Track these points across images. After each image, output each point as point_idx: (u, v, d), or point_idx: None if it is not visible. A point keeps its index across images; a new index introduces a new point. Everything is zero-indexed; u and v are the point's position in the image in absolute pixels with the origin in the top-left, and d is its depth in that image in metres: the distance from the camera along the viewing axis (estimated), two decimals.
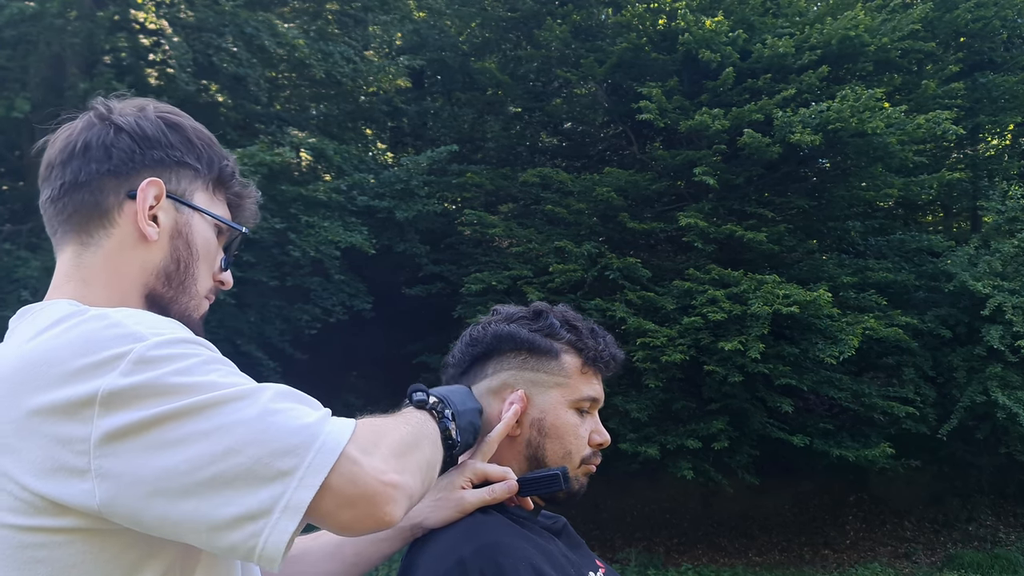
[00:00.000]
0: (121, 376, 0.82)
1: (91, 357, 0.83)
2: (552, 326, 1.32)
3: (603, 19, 11.85)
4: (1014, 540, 10.33)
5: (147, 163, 1.01)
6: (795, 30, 9.97)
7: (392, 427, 0.99)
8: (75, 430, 0.81)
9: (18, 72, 9.17)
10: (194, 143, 1.06)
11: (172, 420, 0.81)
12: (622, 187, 9.96)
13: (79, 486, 0.81)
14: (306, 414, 0.87)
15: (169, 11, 9.75)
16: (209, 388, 0.84)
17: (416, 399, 1.12)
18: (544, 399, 1.29)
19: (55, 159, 1.02)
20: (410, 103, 12.72)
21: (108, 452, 0.81)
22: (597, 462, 1.32)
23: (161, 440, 0.81)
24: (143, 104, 1.05)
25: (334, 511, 0.85)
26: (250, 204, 1.13)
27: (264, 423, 0.83)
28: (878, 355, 10.27)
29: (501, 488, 1.20)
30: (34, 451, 0.82)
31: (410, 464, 0.94)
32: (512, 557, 1.11)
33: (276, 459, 0.82)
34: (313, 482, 0.82)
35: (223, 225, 1.08)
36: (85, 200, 1.00)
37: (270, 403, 0.85)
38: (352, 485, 0.85)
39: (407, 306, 11.28)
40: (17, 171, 10.87)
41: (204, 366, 0.86)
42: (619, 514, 10.50)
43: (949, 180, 10.57)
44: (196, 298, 1.06)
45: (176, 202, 1.03)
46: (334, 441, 0.85)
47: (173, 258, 1.02)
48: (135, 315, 0.90)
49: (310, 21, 11.24)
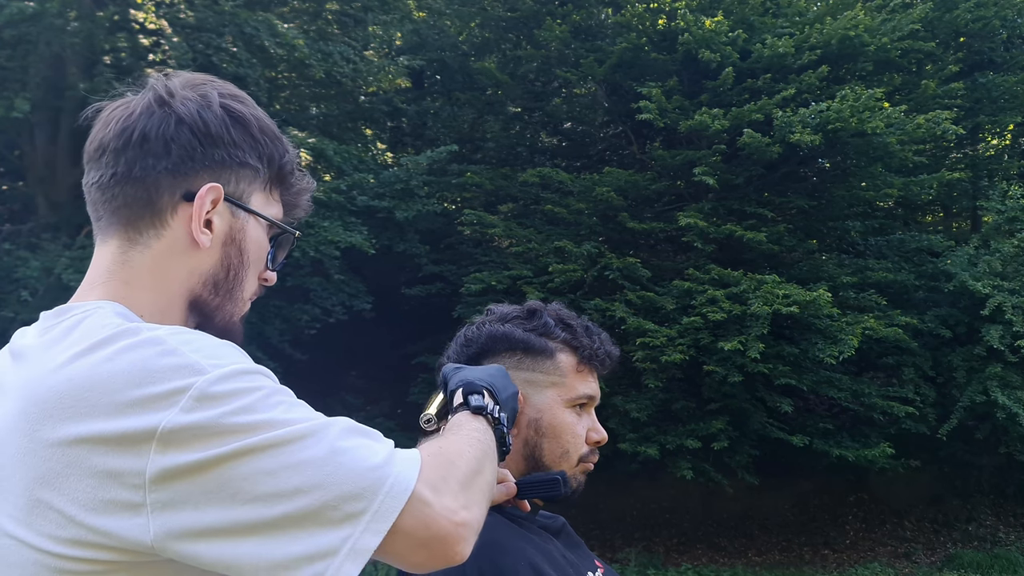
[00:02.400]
0: (182, 413, 0.78)
1: (147, 389, 0.79)
2: (547, 325, 1.32)
3: (603, 19, 11.85)
4: (1014, 540, 10.33)
5: (207, 163, 0.95)
6: (795, 30, 9.97)
7: (457, 453, 0.94)
8: (129, 463, 0.77)
9: (18, 72, 9.17)
10: (257, 140, 0.98)
11: (235, 459, 0.78)
12: (622, 187, 9.96)
13: (132, 520, 0.78)
14: (374, 452, 0.83)
15: (169, 11, 9.75)
16: (274, 425, 0.80)
17: (474, 404, 1.07)
18: (540, 399, 1.29)
19: (108, 143, 0.94)
20: (410, 103, 12.72)
21: (165, 488, 0.77)
22: (595, 460, 1.32)
23: (224, 479, 0.78)
24: (206, 90, 0.97)
25: (406, 553, 0.83)
26: (305, 199, 1.07)
27: (332, 464, 0.80)
28: (878, 355, 10.27)
29: (500, 490, 1.18)
30: (79, 481, 0.78)
31: (476, 494, 0.90)
32: (511, 557, 1.11)
33: (344, 502, 0.79)
34: (381, 528, 0.80)
35: (276, 226, 1.03)
36: (138, 196, 0.94)
37: (337, 441, 0.82)
38: (424, 528, 0.82)
39: (407, 306, 11.28)
40: (17, 171, 10.88)
41: (267, 399, 0.82)
42: (619, 514, 10.50)
43: (949, 180, 10.58)
44: (241, 303, 1.01)
45: (233, 206, 0.97)
46: (404, 483, 0.82)
47: (223, 265, 0.97)
48: (191, 340, 0.84)
49: (310, 21, 11.24)
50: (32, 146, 10.09)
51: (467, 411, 1.06)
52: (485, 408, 1.07)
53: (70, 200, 9.63)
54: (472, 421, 1.04)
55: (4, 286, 8.28)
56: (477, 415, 1.06)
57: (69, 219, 9.41)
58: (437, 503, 0.83)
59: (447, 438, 0.99)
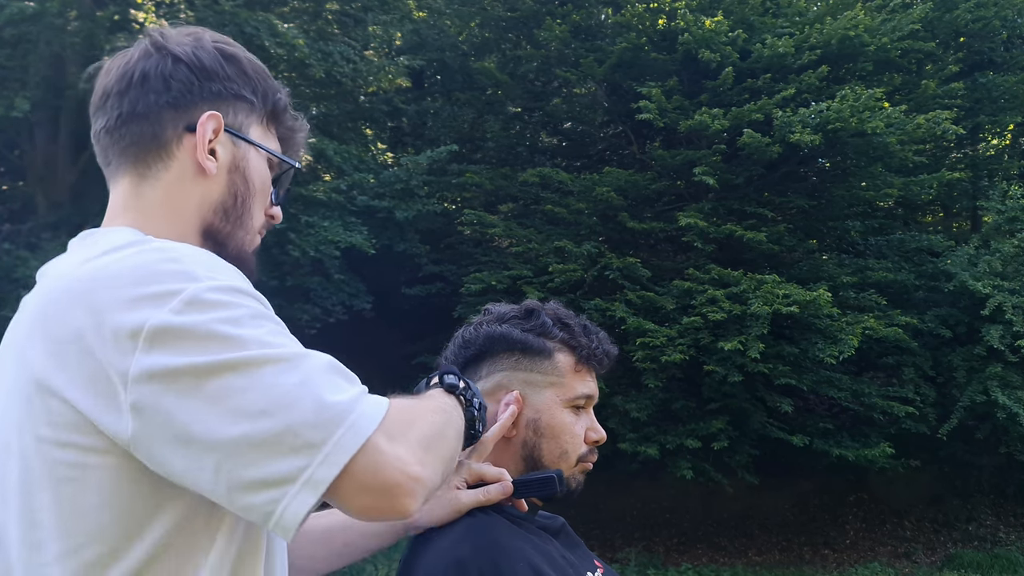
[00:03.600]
0: (171, 313, 0.81)
1: (144, 288, 0.82)
2: (544, 325, 1.31)
3: (603, 19, 11.85)
4: (1014, 540, 10.33)
5: (205, 96, 0.99)
6: (795, 30, 9.97)
7: (423, 413, 0.97)
8: (117, 360, 0.81)
9: (18, 72, 9.17)
10: (250, 75, 1.04)
11: (213, 372, 0.81)
12: (622, 187, 9.96)
13: (116, 418, 0.81)
14: (343, 390, 0.85)
15: (169, 11, 9.76)
16: (255, 344, 0.83)
17: (447, 383, 1.09)
18: (539, 399, 1.28)
19: (111, 88, 0.99)
20: (410, 103, 12.71)
21: (143, 390, 0.80)
22: (593, 459, 1.32)
23: (197, 389, 0.80)
24: (198, 33, 1.03)
25: (352, 495, 0.84)
26: (300, 137, 1.12)
27: (302, 391, 0.82)
28: (878, 355, 10.27)
29: (496, 489, 1.19)
30: (82, 369, 0.82)
31: (434, 456, 0.92)
32: (510, 558, 1.11)
33: (306, 430, 0.81)
34: (339, 460, 0.81)
35: (275, 159, 1.07)
36: (143, 132, 0.98)
37: (311, 372, 0.84)
38: (374, 473, 0.83)
39: (407, 306, 11.28)
40: (17, 171, 10.88)
41: (254, 319, 0.85)
42: (619, 514, 10.50)
43: (949, 180, 10.57)
44: (251, 232, 1.05)
45: (233, 136, 1.02)
46: (365, 423, 0.84)
47: (231, 192, 1.01)
48: (196, 254, 0.89)
49: (310, 21, 11.24)
50: (32, 146, 10.09)
51: (440, 388, 1.09)
52: (457, 387, 1.09)
53: (70, 200, 9.64)
54: (444, 396, 1.07)
55: (4, 286, 8.28)
56: (449, 393, 1.08)
57: (69, 219, 9.40)
58: (390, 451, 0.85)
59: (414, 399, 1.01)
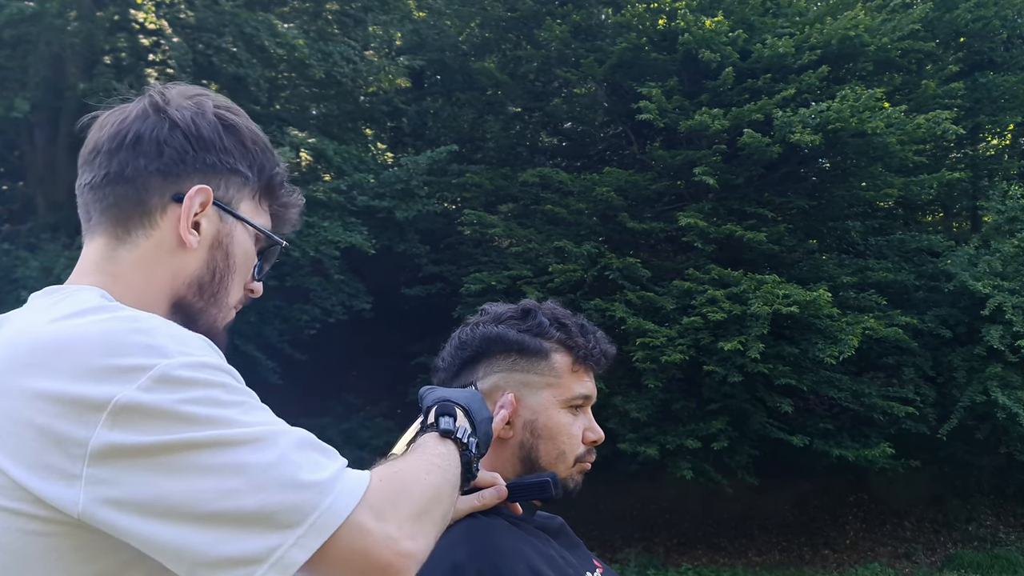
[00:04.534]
0: (139, 391, 0.77)
1: (111, 360, 0.79)
2: (541, 325, 1.30)
3: (603, 19, 11.84)
4: (1014, 540, 10.33)
5: (198, 167, 0.96)
6: (795, 30, 9.97)
7: (414, 478, 0.91)
8: (74, 431, 0.77)
9: (18, 72, 9.18)
10: (248, 149, 1.00)
11: (182, 450, 0.77)
12: (622, 187, 9.96)
13: (64, 490, 0.77)
14: (321, 467, 0.82)
15: (169, 11, 9.76)
16: (227, 423, 0.80)
17: (443, 427, 1.03)
18: (535, 400, 1.27)
19: (102, 145, 0.97)
20: (410, 103, 12.71)
21: (105, 464, 0.77)
22: (591, 459, 1.31)
23: (166, 467, 0.77)
24: (201, 99, 0.99)
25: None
26: (293, 213, 1.09)
27: (276, 471, 0.79)
28: (878, 355, 10.26)
29: (491, 494, 1.18)
30: (25, 438, 0.78)
31: (428, 524, 0.87)
32: (509, 559, 1.11)
33: (279, 512, 0.78)
34: (311, 544, 0.78)
35: (263, 235, 1.03)
36: (128, 195, 0.95)
37: (287, 451, 0.81)
38: (361, 555, 0.80)
39: (407, 306, 11.28)
40: (17, 171, 10.88)
41: (227, 396, 0.82)
42: (619, 514, 10.49)
43: (949, 180, 10.57)
44: (225, 310, 1.01)
45: (221, 210, 0.98)
46: (344, 502, 0.80)
47: (209, 268, 0.98)
48: (166, 326, 0.85)
49: (310, 21, 11.25)
50: (32, 146, 10.09)
51: (435, 433, 1.03)
52: (454, 432, 1.03)
53: (70, 200, 9.52)
54: (438, 445, 1.00)
55: (3, 286, 8.28)
56: (445, 439, 1.02)
57: (68, 219, 9.40)
58: (378, 530, 0.81)
59: (406, 460, 0.96)
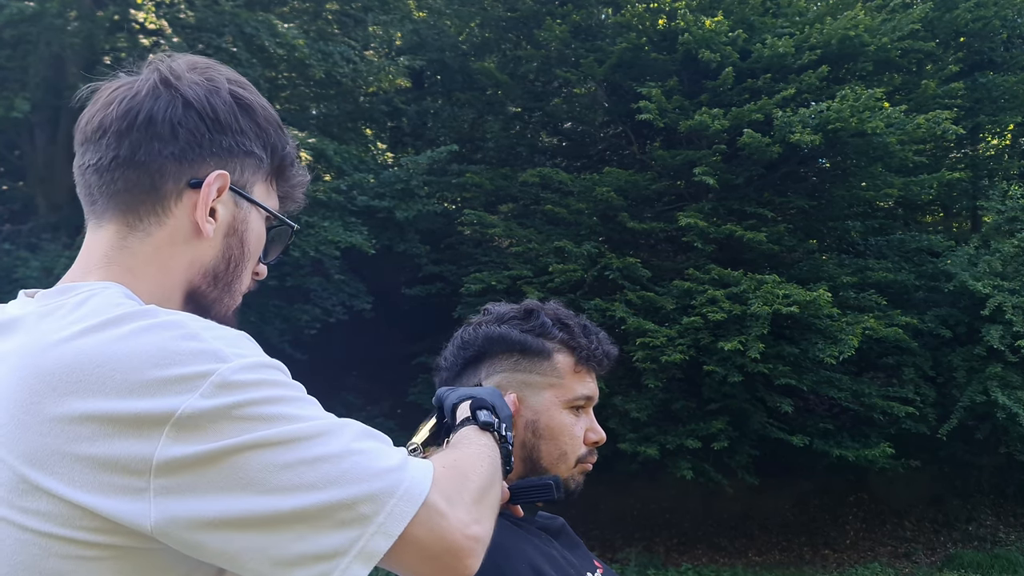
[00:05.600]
0: (202, 398, 0.75)
1: (168, 371, 0.75)
2: (544, 325, 1.30)
3: (603, 19, 11.84)
4: (1014, 540, 10.33)
5: (214, 150, 0.91)
6: (795, 30, 9.97)
7: (471, 466, 0.93)
8: (136, 447, 0.73)
9: (18, 72, 9.18)
10: (263, 129, 0.95)
11: (251, 450, 0.75)
12: (622, 187, 9.96)
13: (132, 504, 0.74)
14: (388, 456, 0.81)
15: (169, 11, 9.76)
16: (292, 420, 0.78)
17: (483, 420, 1.05)
18: (537, 400, 1.27)
19: (110, 124, 0.89)
20: (410, 103, 12.71)
21: (173, 476, 0.74)
22: (593, 460, 1.31)
23: (235, 469, 0.75)
24: (212, 74, 0.93)
25: (415, 563, 0.81)
26: (300, 192, 1.04)
27: (348, 462, 0.78)
28: (878, 355, 10.27)
29: None
30: (77, 461, 0.74)
31: (487, 509, 0.89)
32: (512, 559, 1.11)
33: (357, 503, 0.77)
34: (393, 531, 0.78)
35: (275, 218, 1.00)
36: (140, 181, 0.89)
37: (352, 442, 0.80)
38: (438, 539, 0.80)
39: (407, 306, 11.28)
40: (17, 171, 10.88)
41: (286, 394, 0.80)
42: (619, 514, 10.49)
43: (949, 180, 10.58)
44: (236, 296, 0.97)
45: (237, 195, 0.94)
46: (418, 489, 0.80)
47: (224, 257, 0.94)
48: (212, 327, 0.81)
49: (310, 21, 11.24)
50: (32, 146, 10.09)
51: (475, 426, 1.05)
52: (493, 425, 1.05)
53: (70, 200, 9.62)
54: (481, 436, 1.03)
55: (4, 286, 8.27)
56: (485, 431, 1.04)
57: (69, 219, 9.41)
58: (451, 515, 0.82)
59: (459, 451, 0.97)
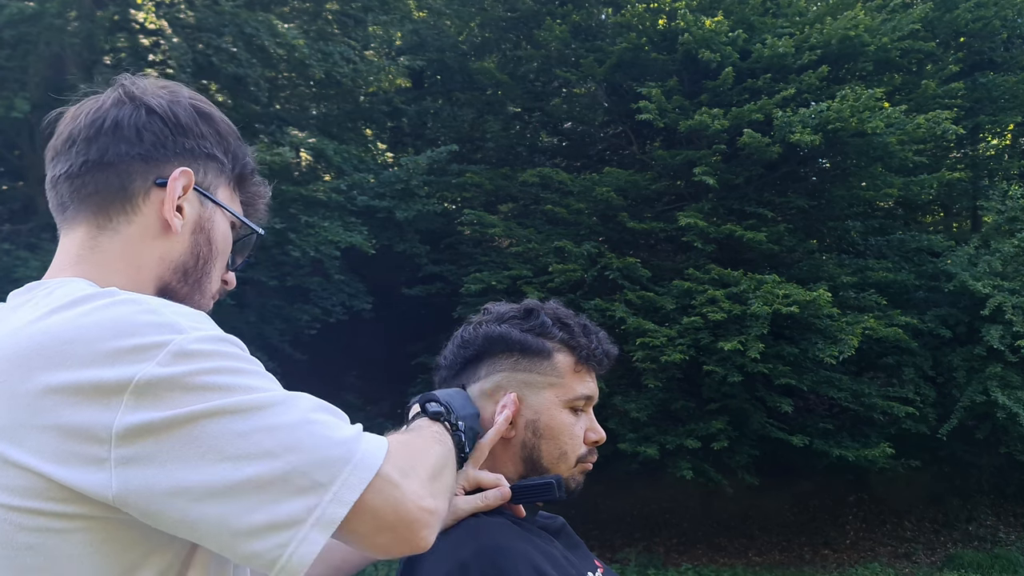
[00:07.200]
0: (159, 366, 0.77)
1: (127, 341, 0.78)
2: (544, 325, 1.30)
3: (603, 19, 11.85)
4: (1014, 540, 10.33)
5: (178, 151, 0.96)
6: (795, 30, 9.97)
7: (423, 447, 0.97)
8: (97, 416, 0.76)
9: (18, 72, 9.16)
10: (223, 136, 1.02)
11: (207, 418, 0.77)
12: (622, 187, 9.96)
13: (94, 474, 0.76)
14: (342, 428, 0.84)
15: (169, 11, 9.75)
16: (247, 389, 0.81)
17: (431, 411, 1.10)
18: (537, 400, 1.27)
19: (78, 134, 0.95)
20: (410, 103, 12.71)
21: (132, 444, 0.76)
22: (593, 460, 1.31)
23: (192, 438, 0.77)
24: (173, 88, 1.00)
25: (370, 533, 0.83)
26: (262, 205, 1.10)
27: (303, 431, 0.80)
28: (878, 355, 10.27)
29: (494, 495, 1.19)
30: (44, 432, 0.76)
31: (441, 487, 0.92)
32: (513, 559, 1.11)
33: (313, 470, 0.79)
34: (348, 498, 0.80)
35: (238, 223, 1.04)
36: (110, 181, 0.94)
37: (308, 412, 0.82)
38: (392, 509, 0.83)
39: (407, 306, 11.28)
40: (17, 171, 10.87)
41: (242, 366, 0.83)
42: (619, 514, 10.49)
43: (949, 180, 10.58)
44: (207, 296, 1.01)
45: (201, 195, 0.98)
46: (372, 458, 0.83)
47: (193, 253, 0.98)
48: (169, 305, 0.85)
49: (310, 21, 11.24)
50: (32, 146, 10.08)
51: (425, 417, 1.09)
52: (442, 414, 1.10)
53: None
54: (431, 425, 1.07)
55: (4, 286, 8.24)
56: (435, 420, 1.08)
57: None
58: (405, 486, 0.85)
59: (411, 433, 1.02)
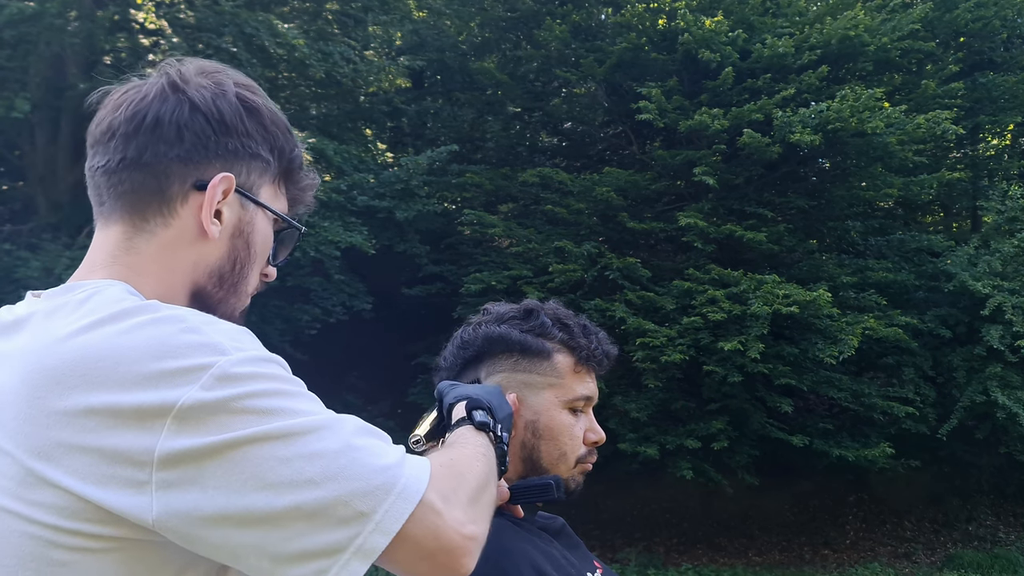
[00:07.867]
0: (202, 390, 0.75)
1: (168, 363, 0.76)
2: (543, 325, 1.30)
3: (603, 19, 11.85)
4: (1014, 540, 10.33)
5: (220, 152, 0.92)
6: (795, 30, 9.97)
7: (467, 466, 0.93)
8: (139, 440, 0.74)
9: (18, 72, 9.16)
10: (269, 132, 0.96)
11: (250, 444, 0.76)
12: (622, 187, 9.96)
13: (134, 498, 0.75)
14: (386, 453, 0.82)
15: (169, 11, 9.76)
16: (292, 414, 0.78)
17: (479, 420, 1.05)
18: (537, 400, 1.27)
19: (118, 127, 0.91)
20: (410, 103, 12.70)
21: (174, 469, 0.74)
22: (593, 460, 1.31)
23: (235, 464, 0.75)
24: (220, 78, 0.94)
25: (411, 561, 0.81)
26: (310, 195, 1.05)
27: (346, 458, 0.78)
28: (878, 355, 10.27)
29: None
30: (82, 453, 0.75)
31: (483, 509, 0.89)
32: (513, 559, 1.11)
33: (355, 499, 0.77)
34: (390, 528, 0.78)
35: (283, 220, 1.01)
36: (147, 182, 0.90)
37: (351, 437, 0.80)
38: (434, 538, 0.80)
39: (407, 306, 11.28)
40: (17, 171, 10.87)
41: (286, 388, 0.81)
42: (619, 514, 10.49)
43: (949, 180, 10.58)
44: (243, 298, 0.98)
45: (243, 197, 0.94)
46: (415, 486, 0.80)
47: (230, 258, 0.94)
48: (213, 322, 0.82)
49: (310, 21, 11.24)
50: (32, 146, 10.09)
51: (470, 426, 1.05)
52: (489, 425, 1.06)
53: (70, 200, 9.63)
54: (476, 436, 1.03)
55: (4, 286, 8.27)
56: (481, 431, 1.04)
57: (69, 219, 9.40)
58: (447, 513, 0.82)
59: (456, 450, 0.98)
